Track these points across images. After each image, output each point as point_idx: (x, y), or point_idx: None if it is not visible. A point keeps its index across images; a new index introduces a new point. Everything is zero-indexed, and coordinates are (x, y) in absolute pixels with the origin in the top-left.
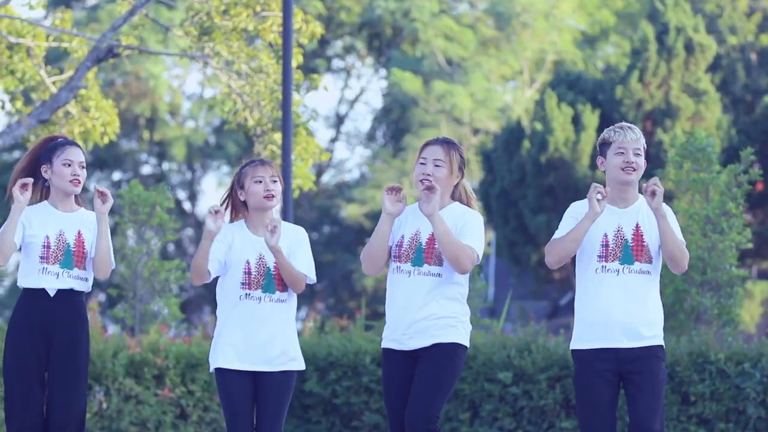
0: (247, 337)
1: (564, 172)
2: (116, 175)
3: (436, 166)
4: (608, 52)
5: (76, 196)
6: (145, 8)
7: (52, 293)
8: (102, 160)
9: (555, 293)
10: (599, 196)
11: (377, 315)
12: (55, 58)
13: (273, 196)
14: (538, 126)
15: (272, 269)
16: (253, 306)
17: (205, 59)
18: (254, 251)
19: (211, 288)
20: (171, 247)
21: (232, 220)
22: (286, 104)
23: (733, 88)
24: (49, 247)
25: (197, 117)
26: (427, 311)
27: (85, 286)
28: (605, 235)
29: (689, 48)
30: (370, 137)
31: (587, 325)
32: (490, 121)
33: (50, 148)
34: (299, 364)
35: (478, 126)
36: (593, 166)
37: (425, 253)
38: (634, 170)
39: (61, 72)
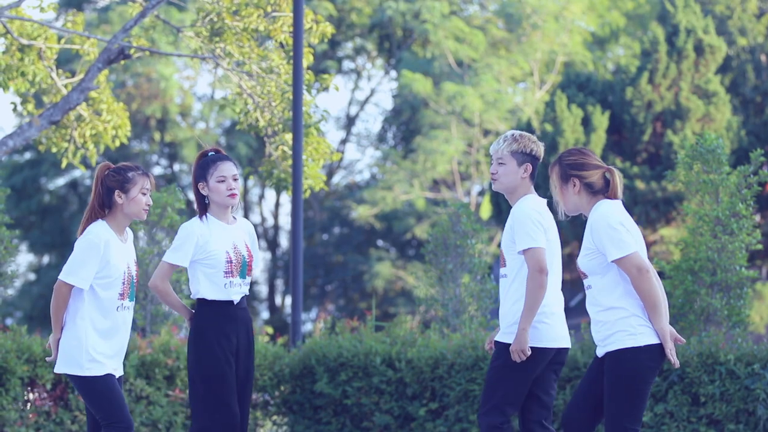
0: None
1: None
2: None
3: (555, 188)
4: (618, 53)
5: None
6: (155, 10)
7: (237, 301)
8: (113, 161)
9: (565, 294)
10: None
11: (388, 316)
12: (66, 60)
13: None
14: (548, 127)
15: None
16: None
17: (216, 60)
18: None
19: None
20: None
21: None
22: (296, 105)
23: (742, 89)
24: (231, 261)
25: (208, 118)
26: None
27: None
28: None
29: (699, 49)
30: (381, 138)
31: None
32: (500, 122)
33: (202, 165)
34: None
35: (488, 127)
36: None
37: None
38: (496, 180)
39: (73, 75)
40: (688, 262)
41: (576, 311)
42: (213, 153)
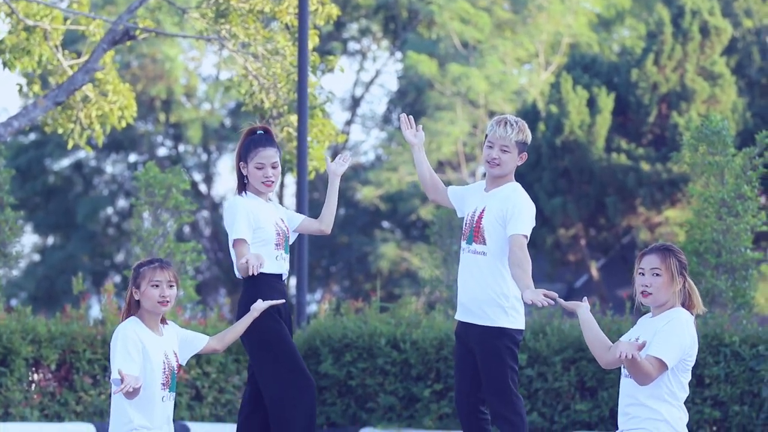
0: None
1: (579, 155)
2: (132, 157)
3: (656, 275)
4: (624, 35)
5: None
6: None
7: (284, 276)
8: (118, 142)
9: (570, 276)
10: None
11: (392, 297)
12: (71, 41)
13: (168, 302)
14: (554, 109)
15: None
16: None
17: (222, 41)
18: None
19: (226, 270)
20: (186, 229)
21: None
22: (302, 86)
23: (748, 71)
24: (279, 234)
25: (213, 99)
26: None
27: None
28: None
29: (705, 31)
30: (386, 120)
31: None
32: (505, 103)
33: (246, 146)
34: None
35: (494, 108)
36: (608, 149)
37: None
38: (498, 165)
39: (78, 55)
40: (693, 243)
41: (580, 292)
42: (261, 132)
